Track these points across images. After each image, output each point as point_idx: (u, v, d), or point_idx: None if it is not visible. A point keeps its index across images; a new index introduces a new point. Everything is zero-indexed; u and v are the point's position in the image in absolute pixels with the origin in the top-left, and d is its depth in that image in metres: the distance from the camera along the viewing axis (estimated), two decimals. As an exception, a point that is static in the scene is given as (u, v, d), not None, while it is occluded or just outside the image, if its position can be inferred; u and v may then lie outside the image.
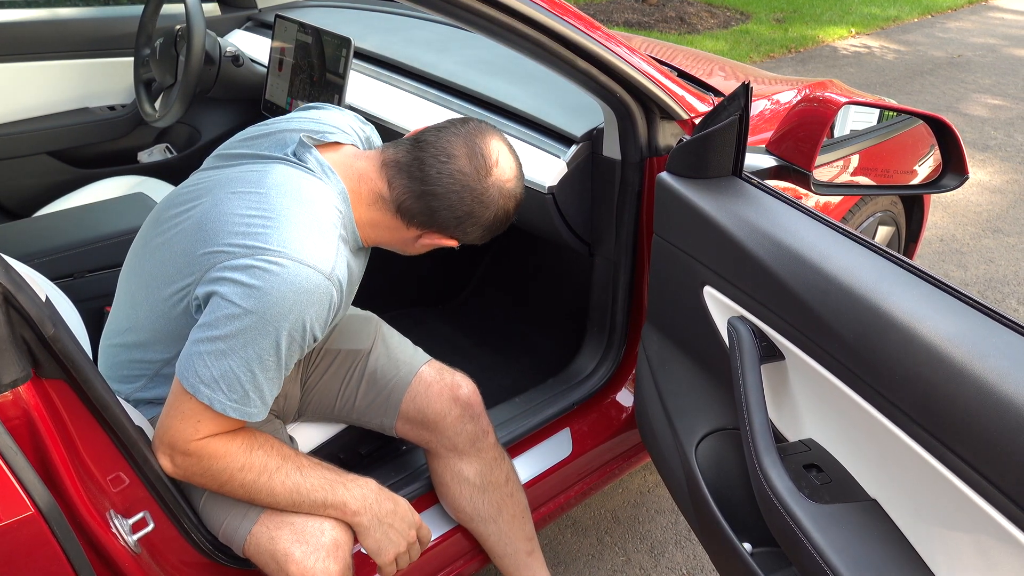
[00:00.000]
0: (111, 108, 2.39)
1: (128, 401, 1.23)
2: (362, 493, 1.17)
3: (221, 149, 1.23)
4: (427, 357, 1.42)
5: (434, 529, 1.45)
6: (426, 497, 1.45)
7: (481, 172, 1.10)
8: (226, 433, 1.07)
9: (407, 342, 1.45)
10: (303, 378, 1.39)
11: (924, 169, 2.08)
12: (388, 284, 1.28)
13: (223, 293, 1.01)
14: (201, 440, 1.05)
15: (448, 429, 1.36)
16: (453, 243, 1.18)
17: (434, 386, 1.36)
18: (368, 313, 1.46)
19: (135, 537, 1.03)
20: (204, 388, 1.01)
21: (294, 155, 1.13)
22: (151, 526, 1.06)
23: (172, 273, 1.10)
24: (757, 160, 1.55)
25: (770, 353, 1.15)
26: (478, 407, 1.39)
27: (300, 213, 1.05)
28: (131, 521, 1.04)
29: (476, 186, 1.10)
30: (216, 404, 1.02)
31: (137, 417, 1.16)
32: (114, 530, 1.01)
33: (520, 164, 1.19)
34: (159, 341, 1.16)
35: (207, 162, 1.23)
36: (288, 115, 1.26)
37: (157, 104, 2.20)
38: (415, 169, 1.10)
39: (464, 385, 1.38)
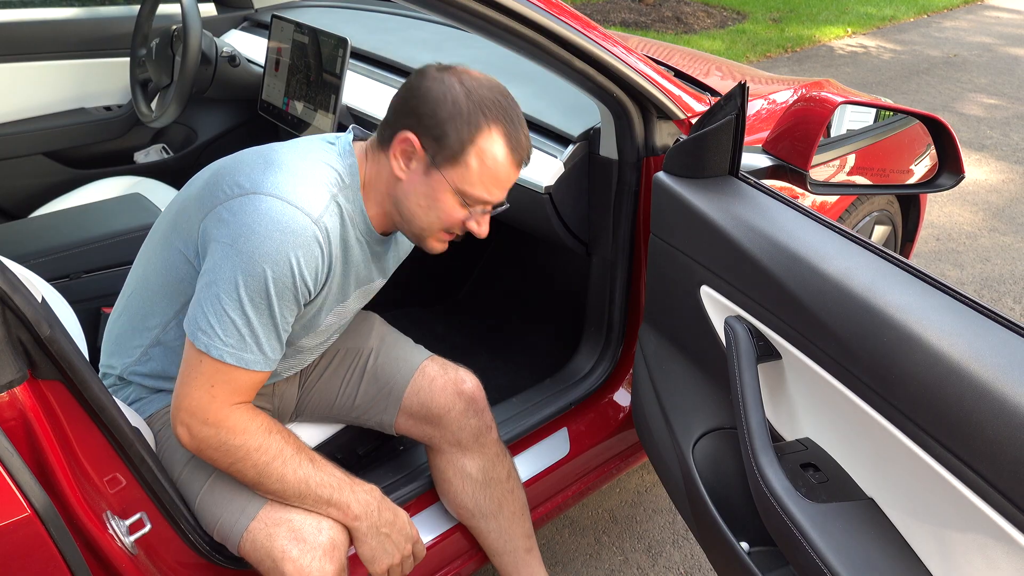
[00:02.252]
0: (107, 108, 2.38)
1: (127, 381, 1.24)
2: (366, 499, 1.17)
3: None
4: (428, 353, 1.42)
5: (432, 529, 1.45)
6: (423, 497, 1.45)
7: (463, 83, 1.09)
8: (246, 408, 1.09)
9: (407, 339, 1.45)
10: (301, 377, 1.39)
11: (920, 168, 2.08)
12: (386, 284, 1.28)
13: (215, 235, 1.06)
14: (220, 409, 1.06)
15: (452, 423, 1.36)
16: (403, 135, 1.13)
17: (438, 380, 1.37)
18: (366, 311, 1.46)
19: (132, 538, 1.03)
20: (202, 335, 1.04)
21: (334, 137, 1.19)
22: (148, 527, 1.06)
23: (184, 223, 1.15)
24: (754, 160, 1.55)
25: (767, 352, 1.15)
26: (482, 402, 1.40)
27: (299, 165, 1.10)
28: (128, 522, 1.04)
29: (459, 88, 1.08)
30: (213, 350, 1.04)
31: (134, 418, 1.16)
32: (111, 531, 1.01)
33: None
34: (161, 297, 1.18)
35: None
36: None
37: (153, 104, 2.19)
38: (398, 103, 1.12)
39: (468, 380, 1.39)
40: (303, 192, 1.07)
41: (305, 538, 1.12)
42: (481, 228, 1.16)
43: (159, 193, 2.01)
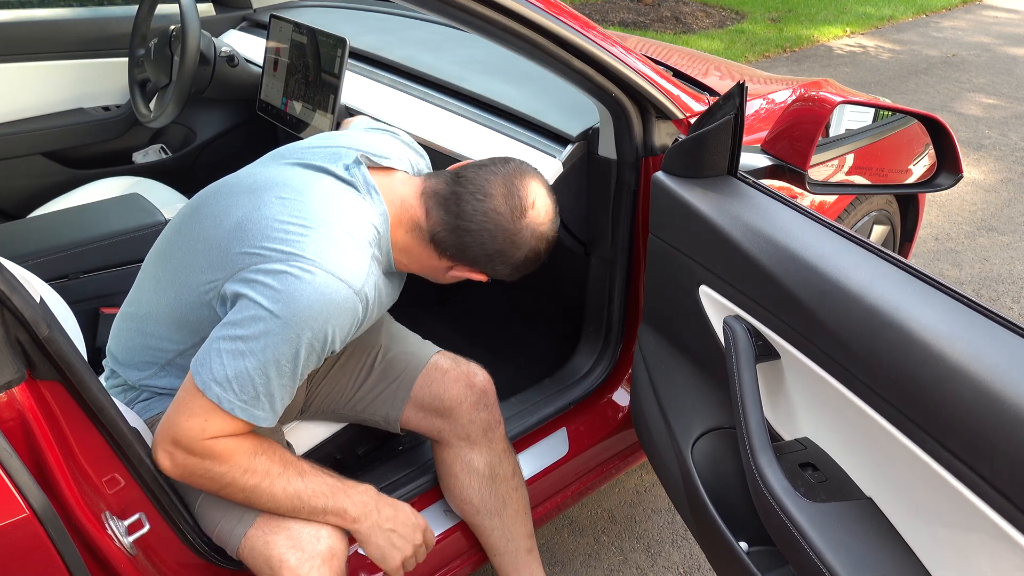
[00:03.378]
0: (106, 109, 2.38)
1: (136, 388, 1.23)
2: (362, 500, 1.17)
3: (279, 150, 1.25)
4: (437, 348, 1.43)
5: (440, 524, 1.45)
6: (424, 496, 1.45)
7: (516, 213, 1.13)
8: (233, 435, 1.07)
9: (415, 335, 1.46)
10: (310, 377, 1.39)
11: (919, 168, 2.08)
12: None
13: (252, 295, 1.03)
14: (208, 440, 1.04)
15: (463, 416, 1.36)
16: (483, 277, 1.20)
17: (451, 372, 1.37)
18: None
19: (131, 539, 1.03)
20: (215, 386, 1.02)
21: (345, 169, 1.15)
22: (147, 527, 1.06)
23: (203, 265, 1.11)
24: (752, 159, 1.55)
25: (766, 352, 1.16)
26: (492, 396, 1.40)
27: (338, 226, 1.07)
28: (127, 523, 1.04)
29: (509, 226, 1.13)
30: (224, 403, 1.02)
31: (133, 418, 1.16)
32: (110, 532, 1.01)
33: (556, 207, 1.21)
34: (177, 330, 1.16)
35: (262, 159, 1.25)
36: (352, 130, 1.28)
37: (152, 105, 2.19)
38: (452, 203, 1.13)
39: (479, 374, 1.40)
40: (344, 260, 1.05)
41: (303, 546, 1.11)
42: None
43: (158, 193, 2.01)
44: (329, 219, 1.07)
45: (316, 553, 1.11)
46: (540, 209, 1.16)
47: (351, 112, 1.91)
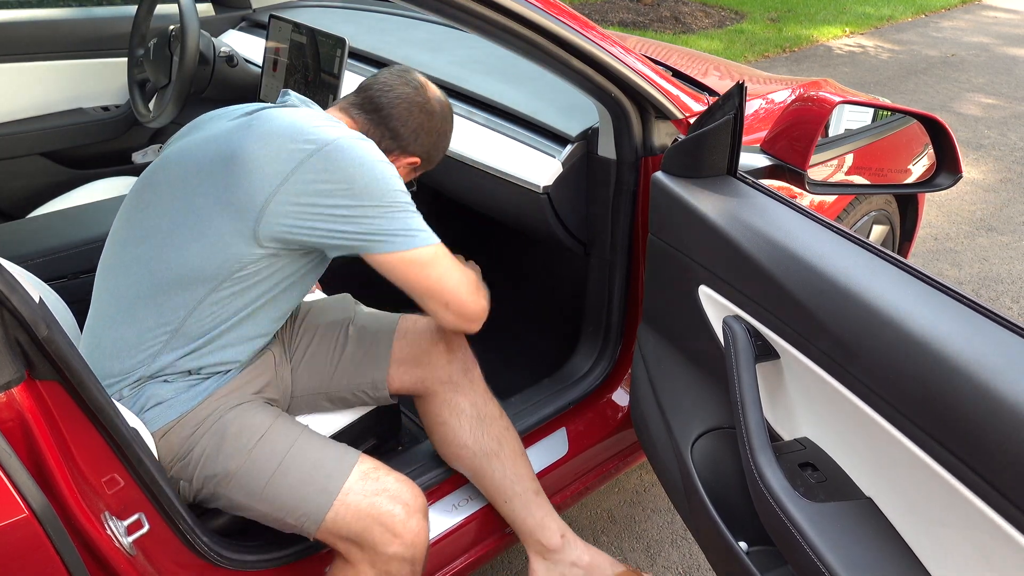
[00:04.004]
0: (105, 109, 2.38)
1: (128, 385, 1.22)
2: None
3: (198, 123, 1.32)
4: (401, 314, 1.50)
5: (442, 522, 1.45)
6: (429, 494, 1.45)
7: (419, 90, 1.34)
8: None
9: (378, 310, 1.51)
10: (290, 361, 1.40)
11: (918, 168, 2.08)
12: (381, 284, 1.28)
13: (322, 189, 1.14)
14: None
15: (442, 358, 1.41)
16: (416, 160, 1.36)
17: (420, 322, 1.44)
18: (344, 294, 1.52)
19: (130, 539, 1.03)
20: (414, 237, 1.18)
21: (281, 103, 1.28)
22: (146, 527, 1.06)
23: (228, 203, 1.15)
24: (752, 159, 1.55)
25: (765, 352, 1.16)
26: (463, 338, 1.46)
27: (318, 117, 1.23)
28: (126, 523, 1.04)
29: (419, 99, 1.34)
30: (432, 239, 1.19)
31: (131, 419, 1.16)
32: (109, 532, 1.01)
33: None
34: (185, 289, 1.18)
35: (171, 147, 1.30)
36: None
37: (151, 105, 2.19)
38: (367, 104, 1.32)
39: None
40: (338, 128, 1.22)
41: (408, 501, 1.21)
42: None
43: (157, 193, 2.00)
44: (308, 117, 1.21)
45: (417, 508, 1.22)
46: (430, 84, 1.38)
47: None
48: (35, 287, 1.07)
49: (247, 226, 1.15)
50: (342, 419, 1.45)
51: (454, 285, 1.22)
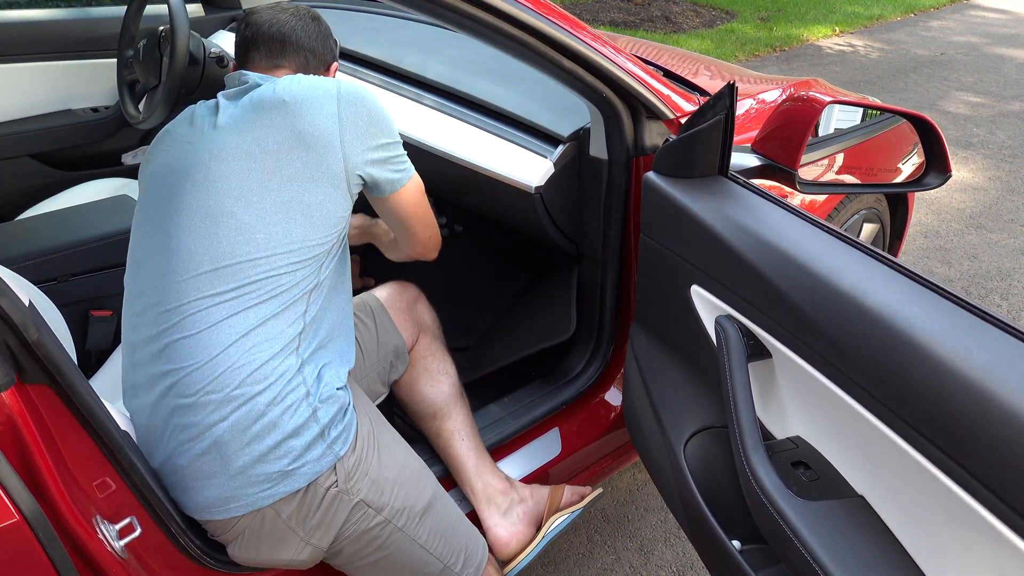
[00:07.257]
0: (94, 110, 2.36)
1: (316, 416, 1.13)
2: None
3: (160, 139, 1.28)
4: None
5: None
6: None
7: (290, 10, 1.37)
8: None
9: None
10: None
11: (908, 167, 2.09)
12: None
13: (372, 131, 1.20)
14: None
15: (422, 311, 1.56)
16: (337, 64, 1.41)
17: (383, 290, 1.54)
18: None
19: (122, 543, 1.02)
20: (404, 171, 1.25)
21: (233, 93, 1.25)
22: (138, 531, 1.05)
23: (316, 169, 1.17)
24: (743, 159, 1.55)
25: (757, 351, 1.16)
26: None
27: (295, 78, 1.25)
28: (118, 527, 1.03)
29: (299, 15, 1.35)
30: (412, 169, 1.27)
31: (123, 421, 1.15)
32: (101, 536, 1.00)
33: None
34: (311, 234, 1.16)
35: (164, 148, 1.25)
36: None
37: (141, 106, 2.17)
38: (276, 47, 1.32)
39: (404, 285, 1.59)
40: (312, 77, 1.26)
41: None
42: None
43: (147, 195, 1.99)
44: (296, 83, 1.22)
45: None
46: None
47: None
48: (25, 290, 1.07)
49: (340, 179, 1.19)
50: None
51: (427, 206, 1.33)
